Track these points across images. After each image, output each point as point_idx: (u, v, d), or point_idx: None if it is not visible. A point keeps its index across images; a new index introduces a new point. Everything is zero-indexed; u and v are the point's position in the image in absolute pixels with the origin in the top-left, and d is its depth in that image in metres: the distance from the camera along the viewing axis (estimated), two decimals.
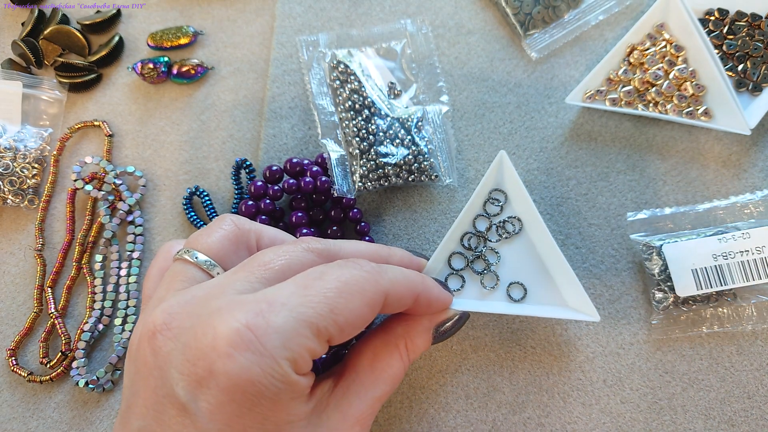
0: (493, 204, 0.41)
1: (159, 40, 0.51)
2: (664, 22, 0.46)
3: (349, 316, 0.26)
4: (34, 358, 0.44)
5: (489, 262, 0.40)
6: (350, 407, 0.29)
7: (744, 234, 0.40)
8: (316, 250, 0.30)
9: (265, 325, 0.24)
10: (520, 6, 0.49)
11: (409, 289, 0.31)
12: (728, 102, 0.43)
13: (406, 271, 0.31)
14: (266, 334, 0.23)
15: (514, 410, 0.40)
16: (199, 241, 0.30)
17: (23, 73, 0.51)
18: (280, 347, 0.24)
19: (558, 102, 0.47)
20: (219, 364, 0.23)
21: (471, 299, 0.40)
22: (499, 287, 0.40)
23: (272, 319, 0.24)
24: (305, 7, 0.51)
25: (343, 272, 0.27)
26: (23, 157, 0.48)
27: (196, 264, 0.29)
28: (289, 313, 0.24)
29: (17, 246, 0.47)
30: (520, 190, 0.40)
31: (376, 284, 0.28)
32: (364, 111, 0.46)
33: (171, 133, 0.49)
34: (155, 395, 0.25)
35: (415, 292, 0.31)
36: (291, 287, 0.26)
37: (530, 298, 0.40)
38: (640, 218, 0.43)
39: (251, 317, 0.24)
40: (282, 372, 0.24)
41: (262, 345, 0.23)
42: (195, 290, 0.27)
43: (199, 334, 0.24)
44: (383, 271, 0.29)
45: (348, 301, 0.26)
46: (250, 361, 0.23)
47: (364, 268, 0.28)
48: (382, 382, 0.30)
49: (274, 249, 0.29)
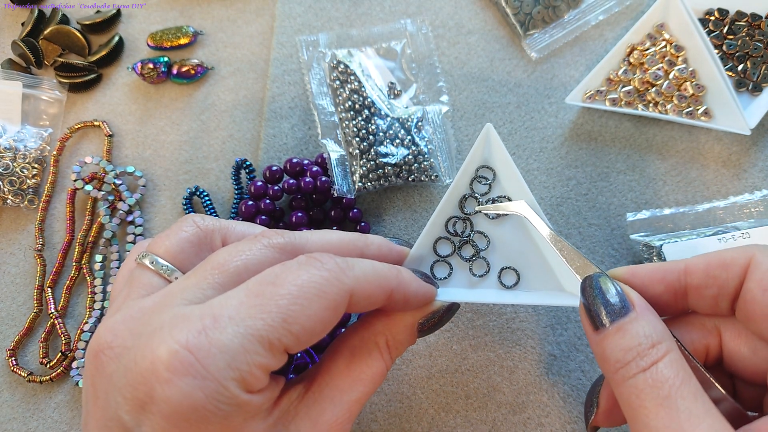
0: (481, 182, 0.38)
1: (159, 40, 0.51)
2: (664, 22, 0.46)
3: (306, 324, 0.24)
4: (34, 358, 0.44)
5: (478, 247, 0.37)
6: (323, 414, 0.27)
7: (744, 234, 0.40)
8: (277, 245, 0.27)
9: (208, 344, 0.22)
10: (520, 6, 0.49)
11: (379, 286, 0.27)
12: (728, 102, 0.43)
13: (377, 266, 0.28)
14: (209, 356, 0.22)
15: (514, 410, 0.40)
16: (159, 244, 0.28)
17: (23, 73, 0.51)
18: (225, 368, 0.22)
19: (558, 102, 0.47)
20: (158, 390, 0.21)
21: (460, 288, 0.37)
22: (489, 274, 0.37)
23: (215, 336, 0.22)
24: (305, 7, 0.51)
25: (300, 274, 0.24)
26: (23, 157, 0.48)
27: (155, 270, 0.27)
28: (235, 328, 0.22)
29: (17, 246, 0.47)
30: (509, 166, 0.37)
31: (338, 284, 0.25)
32: (364, 111, 0.46)
33: (171, 133, 0.49)
34: (104, 416, 0.24)
35: (388, 288, 0.28)
36: (240, 296, 0.23)
37: (523, 283, 0.36)
38: (640, 218, 0.43)
39: (192, 337, 0.22)
40: (228, 395, 0.22)
41: (204, 368, 0.21)
42: (144, 302, 0.25)
43: (139, 357, 0.22)
44: (348, 267, 0.26)
45: (304, 308, 0.24)
46: (190, 386, 0.21)
47: (326, 266, 0.25)
48: (360, 383, 0.28)
49: (230, 248, 0.27)
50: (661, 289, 0.29)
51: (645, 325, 0.26)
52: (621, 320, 0.26)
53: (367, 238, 0.32)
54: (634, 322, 0.26)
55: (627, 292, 0.27)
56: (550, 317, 0.42)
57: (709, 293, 0.28)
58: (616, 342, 0.26)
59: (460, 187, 0.37)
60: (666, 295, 0.29)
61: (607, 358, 0.26)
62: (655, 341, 0.25)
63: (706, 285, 0.28)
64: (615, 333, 0.26)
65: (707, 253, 0.29)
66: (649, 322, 0.26)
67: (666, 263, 0.30)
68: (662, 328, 0.26)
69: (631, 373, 0.25)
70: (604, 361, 0.26)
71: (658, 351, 0.25)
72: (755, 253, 0.27)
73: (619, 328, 0.26)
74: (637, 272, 0.30)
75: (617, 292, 0.27)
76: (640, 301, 0.27)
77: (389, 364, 0.30)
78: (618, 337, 0.26)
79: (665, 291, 0.29)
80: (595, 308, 0.27)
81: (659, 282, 0.29)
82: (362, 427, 0.40)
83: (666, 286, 0.29)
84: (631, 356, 0.25)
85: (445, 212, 0.37)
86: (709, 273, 0.28)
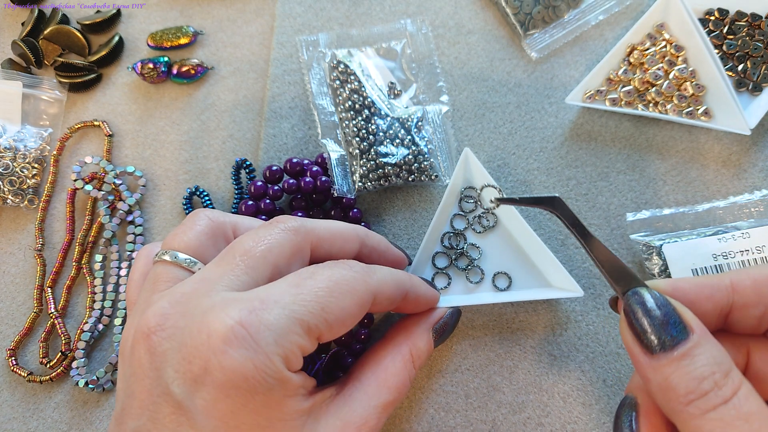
0: (467, 201, 0.43)
1: (159, 40, 0.51)
2: (664, 22, 0.46)
3: (340, 315, 0.26)
4: (34, 358, 0.44)
5: (472, 257, 0.42)
6: (351, 414, 0.29)
7: (744, 234, 0.40)
8: (292, 228, 0.30)
9: (258, 322, 0.24)
10: (520, 6, 0.49)
11: (397, 287, 0.31)
12: (728, 102, 0.43)
13: (393, 271, 0.32)
14: (259, 331, 0.24)
15: (514, 410, 0.40)
16: (176, 240, 0.30)
17: (23, 73, 0.51)
18: (273, 344, 0.24)
19: (558, 102, 0.47)
20: (214, 360, 0.23)
21: (459, 294, 0.41)
22: (484, 280, 0.42)
23: (265, 316, 0.24)
24: (305, 7, 0.51)
25: (334, 272, 0.27)
26: (23, 157, 0.48)
27: (177, 263, 0.29)
28: (281, 310, 0.25)
29: (17, 246, 0.47)
30: (489, 183, 0.42)
31: (365, 284, 0.28)
32: (364, 111, 0.46)
33: (171, 133, 0.49)
34: (150, 395, 0.25)
35: (403, 290, 0.32)
36: (283, 285, 0.26)
37: (516, 285, 0.41)
38: (640, 218, 0.43)
39: (245, 315, 0.24)
40: (274, 368, 0.24)
41: (255, 342, 0.24)
42: (182, 287, 0.27)
43: (195, 332, 0.24)
44: (372, 271, 0.29)
45: (338, 300, 0.26)
46: (243, 356, 0.23)
47: (354, 268, 0.29)
48: (387, 390, 0.30)
49: (251, 234, 0.29)
50: (709, 308, 0.27)
51: (712, 350, 0.24)
52: (684, 345, 0.24)
53: (367, 231, 0.34)
54: (700, 347, 0.24)
55: (682, 312, 0.25)
56: (550, 317, 0.42)
57: (755, 313, 0.27)
58: (683, 369, 0.23)
59: (448, 207, 0.43)
60: (712, 315, 0.27)
61: (674, 388, 0.23)
62: (727, 368, 0.23)
63: (754, 304, 0.26)
64: (680, 360, 0.23)
65: (748, 268, 0.27)
66: (715, 347, 0.24)
67: (709, 278, 0.27)
68: (726, 353, 0.24)
69: (712, 405, 0.22)
70: (667, 390, 0.24)
71: (734, 380, 0.23)
72: None
73: (685, 354, 0.23)
74: (681, 287, 0.27)
75: (671, 312, 0.25)
76: (698, 323, 0.25)
77: (413, 373, 0.32)
78: (685, 364, 0.23)
79: (712, 310, 0.27)
80: (648, 329, 0.25)
81: (707, 300, 0.27)
82: None
83: (714, 305, 0.27)
84: (708, 386, 0.23)
85: (438, 230, 0.42)
86: (758, 291, 0.26)
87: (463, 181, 0.43)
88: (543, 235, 0.44)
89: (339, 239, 0.32)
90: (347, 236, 0.32)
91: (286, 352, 0.25)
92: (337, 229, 0.32)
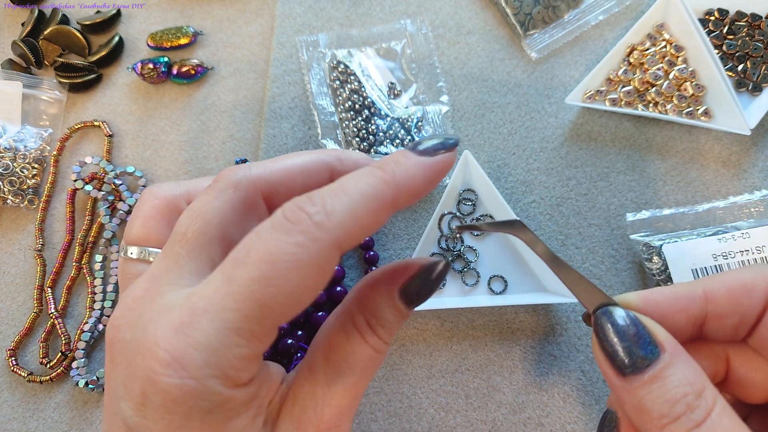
0: (465, 204, 0.43)
1: (159, 41, 0.51)
2: (664, 22, 0.46)
3: (287, 300, 0.21)
4: (34, 358, 0.44)
5: (468, 260, 0.42)
6: (304, 413, 0.24)
7: (744, 234, 0.40)
8: (231, 185, 0.24)
9: (184, 344, 0.21)
10: (520, 6, 0.49)
11: (374, 210, 0.22)
12: (728, 102, 0.43)
13: (362, 185, 0.22)
14: (185, 355, 0.21)
15: (514, 410, 0.40)
16: (128, 232, 0.27)
17: (23, 73, 0.51)
18: (203, 366, 0.21)
19: (558, 102, 0.47)
20: (151, 384, 0.21)
21: (454, 297, 0.42)
22: (480, 283, 0.42)
23: (191, 334, 0.21)
24: (305, 8, 0.51)
25: (270, 246, 0.21)
26: (23, 158, 0.48)
27: (135, 258, 0.27)
28: (210, 323, 0.21)
29: (17, 246, 0.47)
30: (488, 187, 0.42)
31: (316, 245, 0.21)
32: (364, 111, 0.46)
33: (171, 133, 0.49)
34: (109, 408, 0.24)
35: (385, 203, 0.22)
36: (216, 282, 0.21)
37: (511, 288, 0.42)
38: (640, 218, 0.43)
39: (170, 335, 0.21)
40: (208, 392, 0.21)
41: (182, 367, 0.21)
42: (134, 290, 0.24)
43: (137, 351, 0.22)
44: (327, 214, 0.21)
45: (281, 285, 0.20)
46: (174, 382, 0.21)
47: (298, 227, 0.21)
48: (345, 375, 0.24)
49: (187, 211, 0.24)
50: (682, 320, 0.26)
51: (685, 370, 0.23)
52: (655, 366, 0.23)
53: (341, 152, 0.26)
54: (672, 368, 0.23)
55: (653, 330, 0.24)
56: (550, 317, 0.42)
57: (731, 322, 0.26)
58: (655, 392, 0.22)
59: (445, 209, 0.43)
60: (686, 326, 0.26)
61: (647, 410, 0.23)
62: (700, 388, 0.22)
63: (730, 313, 0.26)
64: (652, 381, 0.23)
65: (721, 274, 0.27)
66: (688, 365, 0.23)
67: (681, 288, 0.26)
68: (700, 370, 0.23)
69: (685, 429, 0.22)
70: (641, 412, 0.23)
71: (707, 400, 0.22)
72: None
73: (656, 376, 0.23)
74: (653, 300, 0.26)
75: (641, 331, 0.24)
76: (670, 341, 0.24)
77: (379, 345, 0.25)
78: (657, 386, 0.23)
79: (686, 322, 0.26)
80: (619, 349, 0.24)
81: (681, 312, 0.26)
82: (362, 427, 0.40)
83: (687, 317, 0.26)
84: (681, 409, 0.22)
85: (435, 232, 0.42)
86: (733, 300, 0.25)
87: (462, 184, 0.43)
88: (543, 236, 0.44)
89: (300, 177, 0.25)
90: (310, 170, 0.25)
91: (225, 370, 0.21)
92: (295, 164, 0.25)
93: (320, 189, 0.22)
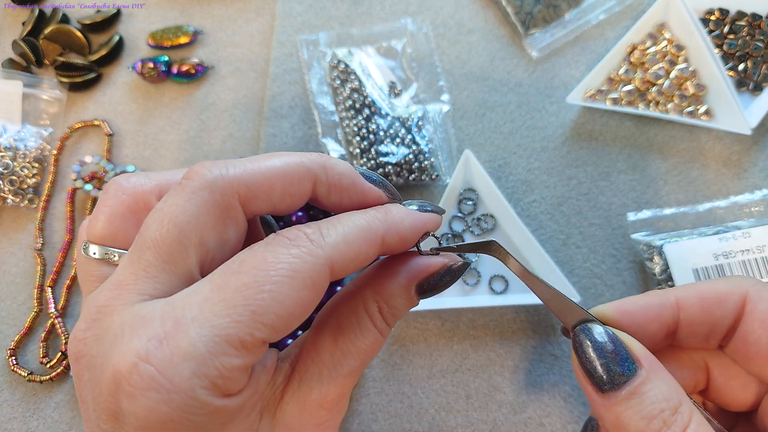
0: (466, 203, 0.43)
1: (159, 40, 0.51)
2: (665, 22, 0.46)
3: (281, 311, 0.20)
4: (34, 358, 0.44)
5: (469, 260, 0.42)
6: (310, 393, 0.24)
7: (745, 233, 0.40)
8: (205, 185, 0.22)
9: (170, 354, 0.19)
10: (520, 5, 0.49)
11: (365, 241, 0.23)
12: (729, 101, 0.43)
13: (358, 218, 0.23)
14: (171, 366, 0.19)
15: (515, 410, 0.40)
16: (91, 227, 0.25)
17: (24, 72, 0.51)
18: (191, 377, 0.19)
19: (559, 101, 0.47)
20: (124, 404, 0.20)
21: (455, 297, 0.42)
22: (480, 282, 0.42)
23: (178, 344, 0.19)
24: (305, 6, 0.51)
25: (266, 256, 0.21)
26: (23, 157, 0.48)
27: (97, 259, 0.24)
28: (199, 330, 0.20)
29: (17, 245, 0.47)
30: (489, 187, 0.42)
31: (311, 258, 0.21)
32: (365, 110, 0.46)
33: (171, 132, 0.49)
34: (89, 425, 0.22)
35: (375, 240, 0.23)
36: (205, 291, 0.21)
37: (512, 288, 0.42)
38: (641, 218, 0.43)
39: (153, 347, 0.19)
40: (198, 404, 0.20)
41: (168, 380, 0.19)
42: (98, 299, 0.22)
43: (104, 368, 0.20)
44: (322, 234, 0.22)
45: (274, 293, 0.20)
46: (154, 401, 0.19)
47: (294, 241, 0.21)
48: (351, 358, 0.24)
49: (156, 211, 0.22)
50: (656, 329, 0.27)
51: (661, 386, 0.23)
52: (632, 382, 0.23)
53: (325, 160, 0.25)
54: (648, 384, 0.23)
55: (630, 345, 0.24)
56: (550, 317, 0.42)
57: (702, 330, 0.27)
58: (632, 409, 0.23)
59: (446, 208, 0.43)
60: (659, 334, 0.27)
61: (625, 427, 0.23)
62: (676, 403, 0.23)
63: (701, 322, 0.26)
64: (629, 398, 0.23)
65: (696, 284, 0.27)
66: (664, 381, 0.23)
67: (653, 297, 0.27)
68: (677, 385, 0.24)
69: None
70: (619, 428, 0.23)
71: (683, 416, 0.22)
72: (749, 289, 0.26)
73: (633, 393, 0.23)
74: (627, 310, 0.27)
75: (619, 347, 0.24)
76: (646, 356, 0.24)
77: (386, 332, 0.25)
78: (634, 402, 0.23)
79: (659, 330, 0.27)
80: (597, 367, 0.24)
81: (654, 321, 0.27)
82: (362, 427, 0.40)
83: (660, 325, 0.27)
84: (657, 426, 0.22)
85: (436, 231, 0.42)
86: (705, 309, 0.26)
87: (463, 183, 0.43)
88: (544, 235, 0.44)
89: (280, 182, 0.23)
90: (291, 175, 0.24)
91: (213, 380, 0.20)
92: (276, 167, 0.23)
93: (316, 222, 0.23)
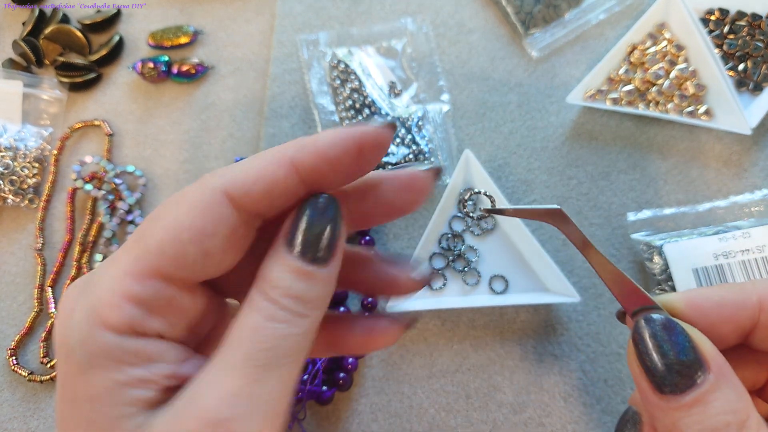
0: (466, 204, 0.43)
1: (159, 39, 0.51)
2: (665, 22, 0.46)
3: (163, 235, 0.19)
4: (34, 358, 0.44)
5: (469, 259, 0.42)
6: (200, 399, 0.18)
7: (745, 233, 0.40)
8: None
9: (83, 282, 0.20)
10: (520, 5, 0.49)
11: (268, 160, 0.20)
12: (729, 101, 0.43)
13: (272, 149, 0.20)
14: (87, 288, 0.20)
15: (515, 410, 0.40)
16: None
17: (24, 72, 0.51)
18: (88, 316, 0.19)
19: (559, 101, 0.47)
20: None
21: (455, 296, 0.42)
22: (481, 282, 0.42)
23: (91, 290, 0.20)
24: (305, 6, 0.51)
25: (167, 200, 0.20)
26: (23, 157, 0.48)
27: None
28: (103, 272, 0.20)
29: (17, 245, 0.47)
30: (489, 186, 0.42)
31: (200, 188, 0.19)
32: (365, 110, 0.46)
33: (171, 132, 0.49)
34: None
35: (282, 158, 0.20)
36: None
37: (512, 288, 0.42)
38: (642, 218, 0.43)
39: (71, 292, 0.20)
40: (82, 334, 0.18)
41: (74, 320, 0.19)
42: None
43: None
44: (222, 170, 0.20)
45: (162, 221, 0.19)
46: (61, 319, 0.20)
47: (195, 182, 0.20)
48: (228, 350, 0.19)
49: None
50: (729, 330, 0.23)
51: (729, 395, 0.20)
52: (699, 389, 0.20)
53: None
54: (716, 392, 0.20)
55: (700, 345, 0.21)
56: (551, 317, 0.42)
57: None
58: (695, 417, 0.20)
59: (447, 208, 0.43)
60: (731, 336, 0.23)
61: None
62: (743, 417, 0.20)
63: None
64: (692, 405, 0.20)
65: None
66: (733, 390, 0.21)
67: (731, 293, 0.23)
68: (746, 395, 0.21)
69: None
70: None
71: (749, 430, 0.20)
72: None
73: (697, 400, 0.20)
74: (700, 306, 0.23)
75: (689, 346, 0.21)
76: (716, 358, 0.21)
77: (271, 310, 0.19)
78: (698, 410, 0.20)
79: (732, 332, 0.23)
80: (658, 366, 0.21)
81: (728, 321, 0.23)
82: (362, 427, 0.40)
83: (735, 327, 0.23)
84: None
85: (436, 231, 0.43)
86: None
87: (463, 183, 0.43)
88: (544, 235, 0.43)
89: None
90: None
91: (101, 311, 0.18)
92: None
93: None
